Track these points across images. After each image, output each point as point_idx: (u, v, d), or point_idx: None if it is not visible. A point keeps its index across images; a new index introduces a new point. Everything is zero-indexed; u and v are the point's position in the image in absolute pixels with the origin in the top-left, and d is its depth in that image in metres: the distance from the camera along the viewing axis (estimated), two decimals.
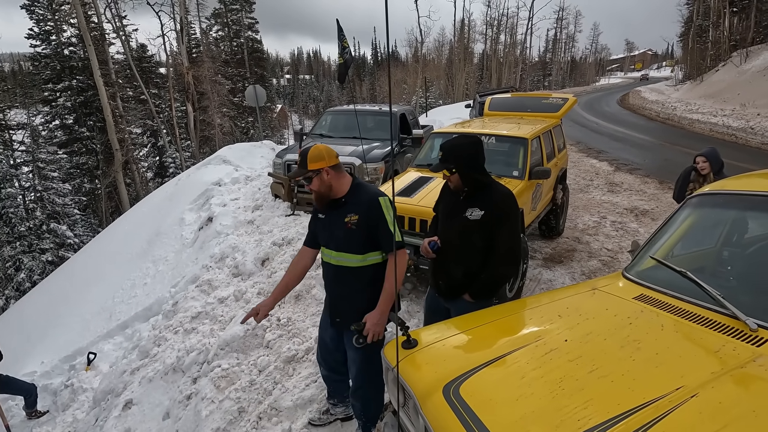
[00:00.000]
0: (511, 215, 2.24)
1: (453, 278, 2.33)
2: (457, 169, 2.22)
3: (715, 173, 3.68)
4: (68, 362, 4.94)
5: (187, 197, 7.66)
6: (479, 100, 12.64)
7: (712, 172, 3.69)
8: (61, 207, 15.42)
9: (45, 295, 7.35)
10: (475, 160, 2.23)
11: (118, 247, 7.36)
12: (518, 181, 4.29)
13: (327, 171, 2.11)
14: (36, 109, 19.06)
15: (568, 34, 67.34)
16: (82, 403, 4.30)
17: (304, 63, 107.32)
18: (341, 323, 2.26)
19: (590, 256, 5.30)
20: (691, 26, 35.19)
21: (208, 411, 2.99)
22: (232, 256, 5.14)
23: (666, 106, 24.62)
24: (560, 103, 6.10)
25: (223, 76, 28.18)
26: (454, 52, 47.19)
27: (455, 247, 2.31)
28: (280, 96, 65.40)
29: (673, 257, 2.09)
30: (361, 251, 2.13)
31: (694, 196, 2.23)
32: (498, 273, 2.24)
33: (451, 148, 2.24)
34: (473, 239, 2.25)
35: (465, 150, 2.23)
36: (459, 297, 2.33)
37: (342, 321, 2.24)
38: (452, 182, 2.28)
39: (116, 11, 21.29)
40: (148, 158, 23.03)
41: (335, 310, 2.27)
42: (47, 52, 18.63)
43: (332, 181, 2.13)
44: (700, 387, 1.27)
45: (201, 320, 4.15)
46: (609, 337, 1.59)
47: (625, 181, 8.91)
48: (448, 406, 1.35)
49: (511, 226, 2.22)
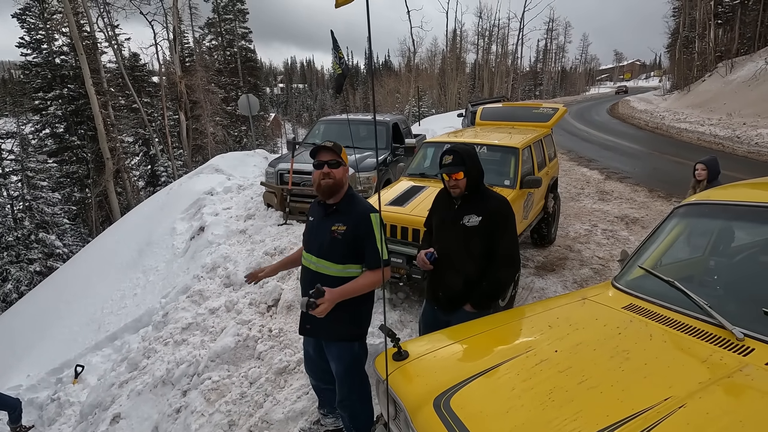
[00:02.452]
0: (508, 221, 2.29)
1: (453, 288, 2.33)
2: (468, 173, 2.26)
3: (709, 181, 3.75)
4: (55, 375, 4.83)
5: (179, 206, 7.60)
6: (471, 109, 12.77)
7: (706, 179, 3.75)
8: (50, 216, 15.22)
9: (32, 306, 7.23)
10: (479, 166, 2.32)
11: (108, 257, 7.28)
12: (510, 190, 4.33)
13: (347, 168, 2.14)
14: (26, 118, 18.89)
15: (558, 45, 68.61)
16: (69, 417, 4.21)
17: (298, 72, 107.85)
18: (311, 330, 2.22)
19: (582, 264, 5.33)
20: (678, 38, 35.99)
21: (198, 425, 2.94)
22: (223, 266, 5.10)
23: (654, 115, 25.04)
24: (551, 113, 6.18)
25: (216, 85, 28.23)
26: (446, 61, 47.71)
27: (454, 256, 2.33)
28: (274, 105, 65.57)
29: (661, 266, 2.11)
30: (341, 261, 2.10)
31: (681, 206, 2.26)
32: (498, 278, 2.27)
33: (463, 152, 2.28)
34: (472, 246, 2.28)
35: (474, 155, 2.31)
36: (459, 308, 2.33)
37: (312, 329, 2.20)
38: (458, 187, 2.28)
39: (109, 20, 21.31)
40: (139, 167, 22.87)
41: (306, 316, 2.16)
42: (38, 61, 18.53)
43: (343, 180, 2.14)
44: (688, 397, 1.28)
45: (191, 331, 4.10)
46: (598, 347, 1.59)
47: (615, 189, 9.01)
48: (439, 419, 1.35)
49: (508, 231, 2.27)
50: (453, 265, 2.32)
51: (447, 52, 47.95)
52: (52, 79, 18.29)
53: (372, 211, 2.10)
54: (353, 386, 2.25)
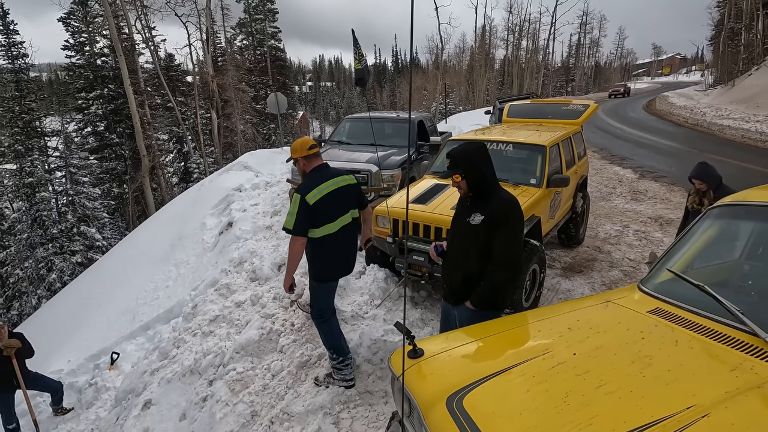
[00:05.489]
0: (509, 222, 2.24)
1: (453, 282, 2.39)
2: (465, 174, 2.26)
3: (714, 190, 3.47)
4: (93, 361, 5.10)
5: (209, 202, 7.85)
6: (499, 106, 12.56)
7: (710, 189, 3.49)
8: (90, 210, 16.02)
9: (74, 295, 7.64)
10: (480, 166, 2.28)
11: (142, 250, 7.60)
12: (536, 189, 4.24)
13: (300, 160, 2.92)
14: (70, 117, 19.96)
15: (592, 39, 66.20)
16: (105, 401, 4.44)
17: (326, 70, 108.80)
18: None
19: (611, 266, 5.17)
20: (723, 29, 34.05)
21: (222, 414, 3.04)
22: (250, 260, 5.23)
23: (695, 111, 23.83)
24: (581, 110, 6.00)
25: (246, 83, 28.87)
26: (474, 58, 46.95)
27: (456, 251, 2.38)
28: (302, 103, 66.46)
29: (691, 270, 2.02)
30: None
31: (714, 207, 2.16)
32: (493, 280, 2.23)
33: (458, 155, 2.30)
34: (471, 244, 2.29)
35: (471, 156, 2.29)
36: (461, 303, 2.36)
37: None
38: (461, 187, 2.33)
39: (146, 22, 22.14)
40: (173, 164, 23.73)
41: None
42: (81, 62, 19.52)
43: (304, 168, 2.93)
44: (713, 406, 1.22)
45: (218, 323, 4.23)
46: (620, 351, 1.55)
47: (649, 189, 8.66)
48: (451, 418, 1.35)
49: (507, 233, 2.22)
50: (455, 260, 2.39)
51: (475, 49, 47.19)
52: (94, 79, 19.23)
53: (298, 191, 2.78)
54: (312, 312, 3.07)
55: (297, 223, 2.71)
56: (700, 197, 3.56)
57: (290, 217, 2.71)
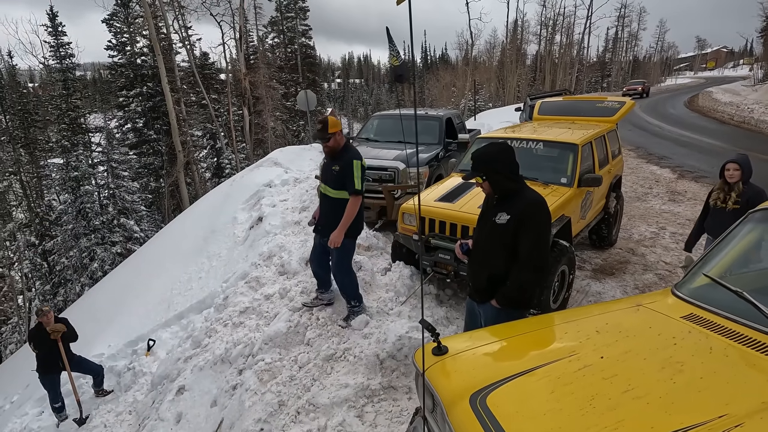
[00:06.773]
0: (535, 222, 2.22)
1: (478, 280, 2.39)
2: (487, 176, 2.26)
3: (744, 183, 3.36)
4: (131, 347, 5.37)
5: (240, 197, 8.07)
6: (530, 103, 12.29)
7: (741, 181, 3.36)
8: (129, 203, 16.78)
9: (114, 283, 8.05)
10: (503, 167, 2.26)
11: (177, 242, 7.90)
12: (566, 189, 4.16)
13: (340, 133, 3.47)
14: (112, 114, 20.95)
15: (630, 33, 63.46)
16: (142, 385, 4.67)
17: (355, 67, 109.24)
18: (321, 231, 3.62)
19: (645, 269, 5.00)
20: None
21: (251, 402, 3.15)
22: (279, 254, 5.36)
23: (741, 108, 22.52)
24: (616, 107, 5.81)
25: (277, 81, 29.34)
26: (505, 53, 45.96)
27: (481, 250, 2.38)
28: (331, 100, 67.01)
29: (729, 276, 1.95)
30: (336, 188, 3.47)
31: (757, 211, 2.07)
32: (519, 280, 2.23)
33: (479, 156, 2.29)
34: (497, 243, 2.28)
35: (493, 157, 2.27)
36: (487, 301, 2.36)
37: (321, 230, 3.62)
38: (484, 189, 2.34)
39: (182, 22, 22.86)
40: (207, 159, 24.49)
41: (319, 221, 3.70)
42: (122, 62, 20.43)
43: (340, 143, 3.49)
44: (747, 416, 1.19)
45: (248, 315, 4.37)
46: (649, 356, 1.52)
47: (689, 189, 8.29)
48: (474, 415, 1.36)
49: (533, 234, 2.20)
50: (479, 259, 2.39)
51: (507, 44, 46.20)
52: (134, 78, 20.09)
53: (356, 158, 3.39)
54: (339, 267, 3.61)
55: (363, 183, 3.35)
56: (725, 194, 3.42)
57: (358, 180, 3.31)
